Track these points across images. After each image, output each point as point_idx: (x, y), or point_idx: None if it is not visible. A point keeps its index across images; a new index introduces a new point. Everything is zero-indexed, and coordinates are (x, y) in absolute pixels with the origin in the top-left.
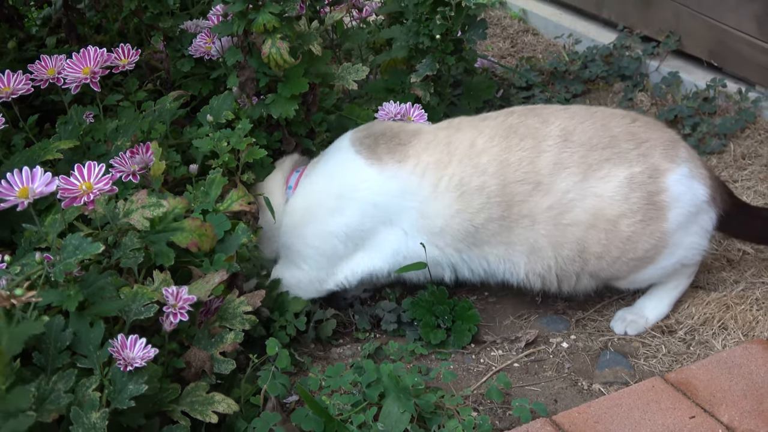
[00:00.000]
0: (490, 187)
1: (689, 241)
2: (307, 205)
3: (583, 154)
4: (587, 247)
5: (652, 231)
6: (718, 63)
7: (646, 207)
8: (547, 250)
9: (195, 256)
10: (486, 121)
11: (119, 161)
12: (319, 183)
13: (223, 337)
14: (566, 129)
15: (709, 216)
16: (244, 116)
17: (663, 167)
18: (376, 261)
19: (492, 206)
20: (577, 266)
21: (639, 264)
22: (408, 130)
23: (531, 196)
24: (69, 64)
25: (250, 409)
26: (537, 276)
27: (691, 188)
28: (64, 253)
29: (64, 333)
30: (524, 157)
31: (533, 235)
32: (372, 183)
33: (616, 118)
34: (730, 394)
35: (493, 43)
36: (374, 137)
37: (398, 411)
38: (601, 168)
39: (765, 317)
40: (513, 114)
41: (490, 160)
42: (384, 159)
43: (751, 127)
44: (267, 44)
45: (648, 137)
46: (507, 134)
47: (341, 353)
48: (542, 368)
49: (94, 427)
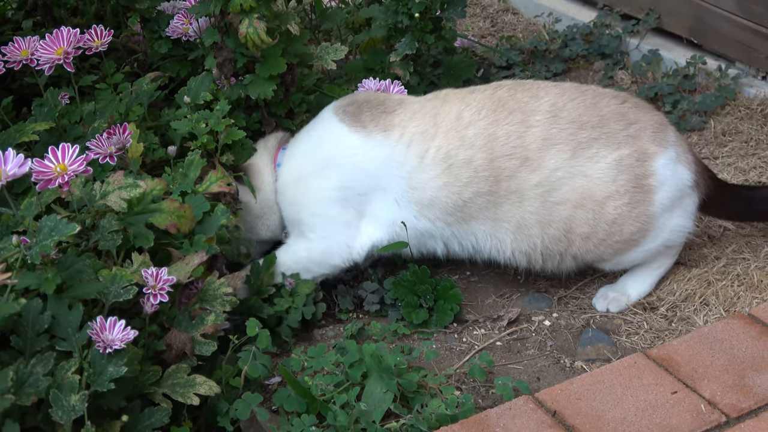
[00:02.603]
0: (478, 161)
1: (673, 224)
2: (296, 177)
3: (573, 131)
4: (574, 227)
5: (638, 214)
6: (698, 40)
7: (633, 190)
8: (534, 228)
9: (174, 238)
10: (474, 94)
11: (96, 143)
12: (304, 154)
13: (204, 318)
14: (556, 105)
15: (692, 200)
16: (223, 97)
17: (651, 151)
18: (377, 231)
19: (480, 181)
20: (563, 246)
21: (624, 247)
22: (393, 99)
23: (519, 171)
24: (42, 45)
25: (231, 391)
26: (523, 254)
27: (677, 172)
28: (40, 236)
29: (42, 316)
30: (512, 132)
31: (521, 212)
32: (357, 150)
33: (606, 97)
34: (712, 369)
35: (473, 22)
36: (357, 105)
37: (381, 391)
38: (590, 147)
39: (746, 293)
40: (502, 87)
41: (477, 133)
42: (368, 126)
43: (731, 104)
44: (244, 24)
45: (637, 119)
46: (495, 107)
47: (324, 334)
48: (525, 346)
49: (73, 409)
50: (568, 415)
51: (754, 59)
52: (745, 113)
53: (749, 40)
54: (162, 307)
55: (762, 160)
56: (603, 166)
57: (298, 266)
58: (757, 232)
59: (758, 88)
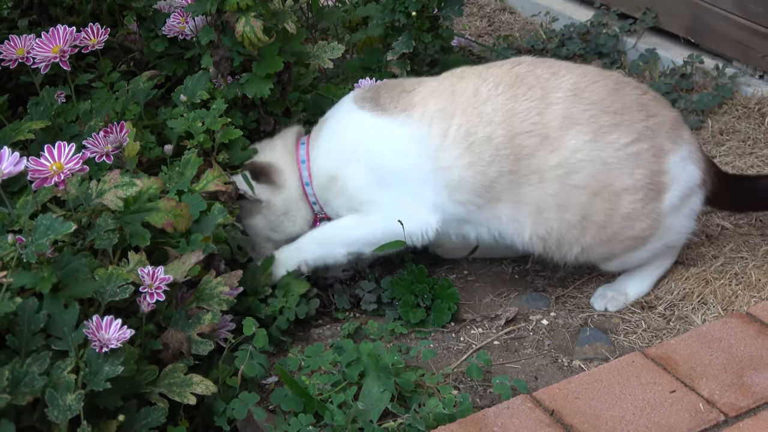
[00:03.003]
0: (498, 138)
1: (680, 224)
2: (331, 174)
3: (594, 113)
4: (590, 215)
5: (649, 211)
6: (695, 39)
7: (648, 186)
8: (551, 211)
9: (171, 237)
10: (491, 69)
11: (92, 141)
12: (331, 148)
13: (201, 318)
14: (578, 85)
15: (699, 198)
16: (219, 96)
17: (667, 147)
18: (425, 215)
19: (502, 159)
20: (577, 233)
21: (633, 243)
22: (410, 80)
23: (539, 150)
24: (38, 44)
25: (228, 390)
26: (540, 239)
27: (687, 171)
28: (35, 234)
29: (38, 315)
30: (532, 107)
31: (540, 193)
32: (382, 132)
33: (629, 86)
34: (710, 368)
35: (470, 22)
36: (375, 90)
37: (378, 390)
38: (611, 132)
39: (744, 291)
40: (521, 63)
41: (496, 108)
42: (389, 109)
43: (728, 103)
44: (241, 23)
45: (657, 112)
46: (514, 83)
47: (321, 333)
48: (522, 345)
49: (69, 409)
50: (566, 414)
51: (752, 58)
52: (743, 112)
53: (747, 39)
54: (158, 306)
55: (759, 159)
56: (623, 155)
57: (373, 240)
58: (755, 231)
59: (756, 87)
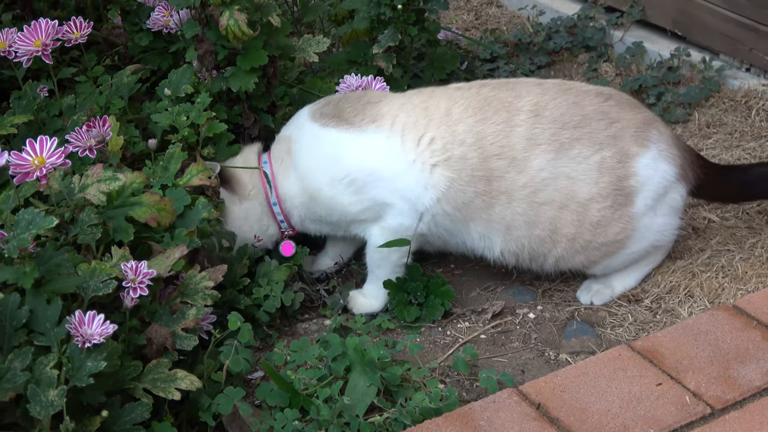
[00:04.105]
0: (472, 160)
1: (660, 222)
2: (312, 196)
3: (555, 131)
4: (559, 228)
5: (621, 215)
6: (682, 32)
7: (615, 192)
8: (521, 229)
9: (155, 232)
10: (459, 91)
11: (75, 136)
12: (305, 173)
13: (185, 313)
14: (538, 104)
15: (679, 193)
16: (204, 90)
17: (632, 151)
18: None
19: (476, 180)
20: (548, 247)
21: (610, 249)
22: (374, 93)
23: (508, 172)
24: (20, 37)
25: (213, 385)
26: (511, 254)
27: (659, 170)
28: (17, 229)
29: (20, 310)
30: (499, 131)
31: (510, 213)
32: (352, 145)
33: (589, 96)
34: (697, 361)
35: (457, 15)
36: (334, 104)
37: (364, 384)
38: (573, 147)
39: (730, 284)
40: (486, 86)
41: (467, 130)
42: (355, 122)
43: (715, 96)
44: (225, 16)
45: (619, 117)
46: (481, 106)
47: (307, 328)
48: (509, 339)
49: (52, 404)
50: (552, 408)
51: (738, 51)
52: (730, 105)
53: (733, 32)
54: (142, 301)
55: (746, 152)
56: (585, 167)
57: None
58: (741, 224)
59: (742, 80)
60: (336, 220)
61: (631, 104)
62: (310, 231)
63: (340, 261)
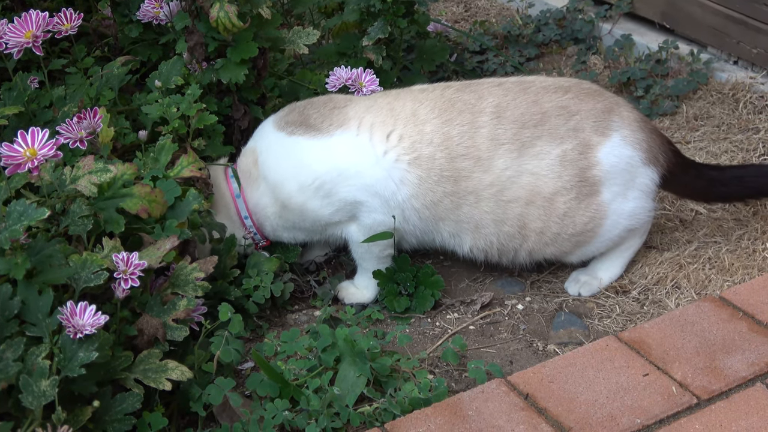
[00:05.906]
0: (440, 160)
1: (631, 207)
2: (283, 204)
3: (516, 131)
4: (527, 224)
5: (587, 205)
6: (670, 25)
7: (580, 184)
8: (490, 227)
9: (146, 223)
10: (424, 93)
11: (66, 127)
12: (273, 183)
13: (176, 304)
14: (500, 105)
15: (649, 177)
16: (194, 82)
17: (593, 141)
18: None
19: (445, 181)
20: (518, 242)
21: (582, 238)
22: (339, 97)
23: (474, 172)
24: (10, 29)
25: (204, 376)
26: (480, 251)
27: (623, 156)
28: (9, 220)
29: (11, 301)
30: (464, 132)
31: (478, 212)
32: (320, 151)
33: (548, 92)
34: (683, 352)
35: (447, 7)
36: (299, 111)
37: (354, 375)
38: (534, 145)
39: (717, 276)
40: (450, 88)
41: (434, 130)
42: (323, 128)
43: (703, 89)
44: (215, 8)
45: (579, 109)
46: (446, 107)
47: (297, 319)
48: (498, 330)
49: (44, 395)
50: (540, 398)
51: (726, 44)
52: (717, 98)
53: (721, 24)
54: (133, 292)
55: (733, 144)
56: (548, 162)
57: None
58: (728, 215)
59: (730, 72)
60: (309, 225)
61: (591, 93)
62: (284, 239)
63: (329, 251)
